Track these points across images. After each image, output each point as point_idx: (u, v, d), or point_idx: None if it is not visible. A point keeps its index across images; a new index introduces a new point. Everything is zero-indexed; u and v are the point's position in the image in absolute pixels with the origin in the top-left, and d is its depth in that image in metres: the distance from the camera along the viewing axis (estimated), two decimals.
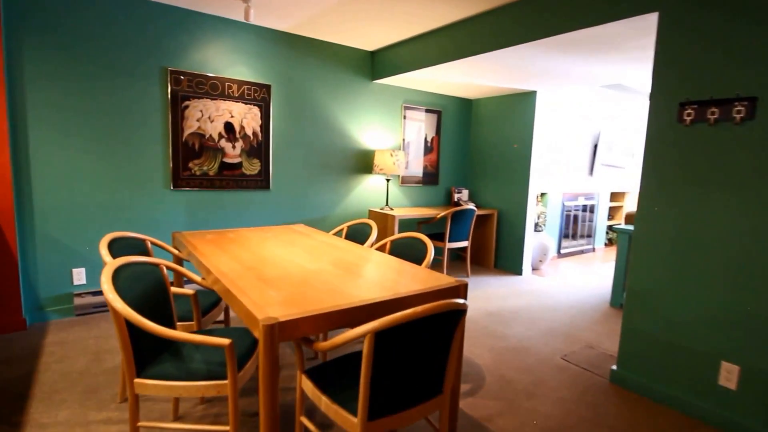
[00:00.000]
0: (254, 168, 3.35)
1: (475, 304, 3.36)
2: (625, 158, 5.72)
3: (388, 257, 1.96)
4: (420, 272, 1.72)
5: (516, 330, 2.87)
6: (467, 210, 4.00)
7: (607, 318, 3.20)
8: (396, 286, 1.52)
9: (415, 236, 2.20)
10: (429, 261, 1.98)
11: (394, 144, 4.29)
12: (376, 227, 2.56)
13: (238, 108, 3.21)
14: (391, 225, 3.74)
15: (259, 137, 3.35)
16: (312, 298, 1.36)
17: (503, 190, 4.58)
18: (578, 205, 5.53)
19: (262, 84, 3.32)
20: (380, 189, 4.23)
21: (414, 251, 2.16)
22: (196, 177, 3.09)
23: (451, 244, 4.02)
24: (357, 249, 2.11)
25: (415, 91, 4.37)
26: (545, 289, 3.92)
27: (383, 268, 1.76)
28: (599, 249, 5.99)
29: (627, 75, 3.36)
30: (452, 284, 1.56)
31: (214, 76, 3.09)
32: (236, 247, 2.05)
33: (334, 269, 1.72)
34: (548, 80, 3.68)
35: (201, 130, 3.07)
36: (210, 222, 3.20)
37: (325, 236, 2.44)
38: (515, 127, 4.42)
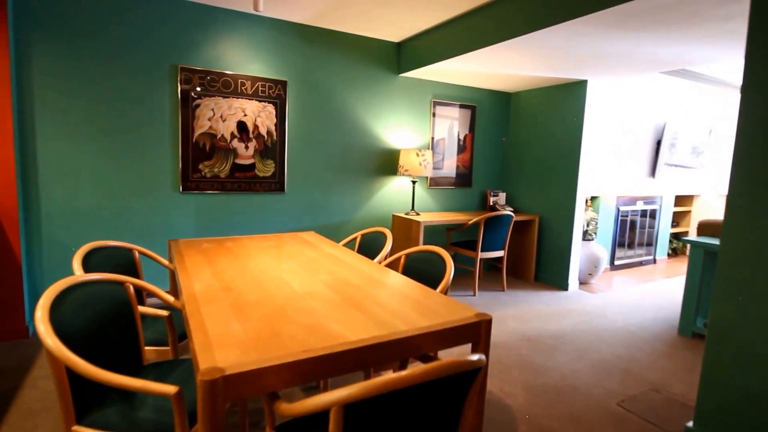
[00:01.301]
0: (268, 169, 3.14)
1: (509, 326, 2.92)
2: (692, 157, 4.95)
3: (396, 277, 1.62)
4: (432, 299, 1.36)
5: (559, 362, 2.41)
6: (503, 216, 3.55)
7: (676, 350, 2.63)
8: (397, 319, 1.18)
9: (433, 250, 1.85)
10: (448, 282, 1.62)
11: (422, 143, 3.93)
12: (390, 237, 2.22)
13: (252, 106, 3.02)
14: (416, 232, 3.39)
15: (274, 137, 3.14)
16: (286, 335, 1.05)
17: (546, 193, 4.06)
18: (636, 210, 4.85)
19: (278, 80, 3.10)
20: (406, 192, 3.89)
21: (432, 268, 1.81)
22: (207, 179, 2.93)
23: (485, 254, 3.59)
24: (363, 265, 1.79)
25: (445, 84, 3.99)
26: (596, 309, 3.37)
27: (386, 293, 1.42)
28: (661, 260, 5.24)
29: (705, 57, 2.77)
30: (470, 320, 1.20)
31: (227, 73, 2.91)
32: (227, 260, 1.81)
33: (327, 293, 1.41)
34: (601, 67, 3.15)
35: (212, 130, 2.91)
36: (220, 227, 3.03)
37: (333, 247, 2.15)
38: (562, 121, 3.90)
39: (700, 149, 5.03)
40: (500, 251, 3.69)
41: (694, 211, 5.81)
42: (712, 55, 2.77)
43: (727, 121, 5.39)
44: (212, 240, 2.22)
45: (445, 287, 1.59)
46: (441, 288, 1.57)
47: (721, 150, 5.43)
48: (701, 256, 2.82)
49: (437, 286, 1.63)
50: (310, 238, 2.36)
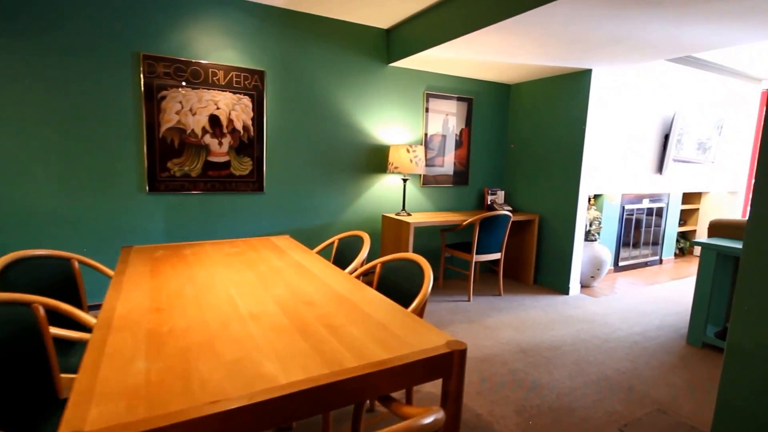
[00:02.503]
0: (245, 168, 2.92)
1: (504, 336, 2.70)
2: (700, 153, 4.67)
3: (363, 292, 1.39)
4: (400, 322, 1.14)
5: (556, 378, 2.18)
6: (500, 216, 3.32)
7: (685, 363, 2.40)
8: (350, 351, 0.96)
9: (411, 258, 1.62)
10: (424, 297, 1.40)
11: (414, 138, 3.70)
12: (367, 242, 2.00)
13: (225, 98, 2.79)
14: (406, 234, 3.16)
15: (251, 132, 2.91)
16: (198, 379, 0.84)
17: (547, 191, 3.82)
18: (642, 209, 4.60)
19: (254, 70, 2.87)
20: (397, 191, 3.66)
21: (409, 279, 1.58)
22: (177, 178, 2.71)
23: (480, 256, 3.37)
24: (330, 277, 1.57)
25: (439, 75, 3.74)
26: (598, 315, 3.14)
27: (346, 314, 1.20)
28: (668, 260, 4.99)
29: (719, 40, 2.51)
30: (439, 351, 0.97)
31: (196, 61, 2.69)
32: (174, 271, 1.60)
33: (276, 314, 1.19)
34: (606, 53, 2.90)
35: (181, 125, 2.69)
36: (193, 231, 2.82)
37: (304, 255, 1.93)
38: (564, 115, 3.65)
39: (709, 144, 4.76)
40: (497, 254, 3.46)
41: (702, 209, 5.54)
42: (728, 38, 2.51)
43: (740, 114, 5.11)
44: (170, 246, 2.00)
45: (420, 304, 1.37)
46: (415, 306, 1.35)
47: (732, 144, 5.15)
48: (713, 259, 2.58)
49: (414, 300, 1.41)
50: (281, 244, 2.14)
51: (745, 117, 5.18)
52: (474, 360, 2.34)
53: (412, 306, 1.34)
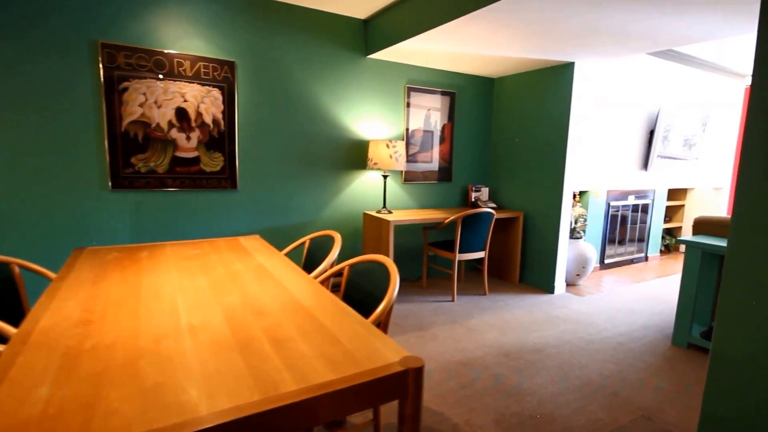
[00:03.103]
0: (216, 163, 2.78)
1: (487, 338, 2.61)
2: (685, 149, 4.64)
3: (322, 299, 1.28)
4: (354, 334, 1.03)
5: (539, 383, 2.09)
6: (482, 213, 3.22)
7: (670, 365, 2.33)
8: (290, 372, 0.85)
9: (378, 260, 1.51)
10: (388, 303, 1.29)
11: (395, 133, 3.58)
12: (338, 243, 1.88)
13: (193, 90, 2.64)
14: (386, 233, 3.05)
15: (221, 126, 2.77)
16: (104, 408, 0.71)
17: (531, 188, 3.74)
18: (627, 205, 4.55)
19: (224, 61, 2.72)
20: (379, 188, 3.55)
21: (376, 283, 1.47)
22: (142, 175, 2.56)
23: (463, 255, 3.27)
24: (291, 281, 1.45)
25: (421, 68, 3.63)
26: (583, 314, 3.07)
27: (297, 325, 1.08)
28: (653, 257, 4.97)
29: (703, 32, 2.44)
30: (392, 370, 0.86)
31: (160, 50, 2.53)
32: (121, 277, 1.46)
33: (219, 326, 1.07)
34: (589, 45, 2.81)
35: (145, 118, 2.53)
36: (162, 230, 2.67)
37: (270, 256, 1.80)
38: (547, 109, 3.56)
39: (694, 141, 4.73)
40: (480, 252, 3.37)
41: (687, 206, 5.54)
42: (709, 31, 2.44)
43: (723, 111, 5.09)
44: (126, 248, 1.86)
45: (383, 312, 1.25)
46: (377, 315, 1.23)
47: (716, 141, 5.13)
48: (698, 257, 2.51)
49: (378, 306, 1.30)
50: (249, 244, 2.01)
51: (729, 113, 5.17)
52: (455, 364, 2.25)
53: (374, 314, 1.23)
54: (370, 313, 1.40)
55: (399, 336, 2.58)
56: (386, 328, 1.34)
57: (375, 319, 1.22)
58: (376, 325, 1.30)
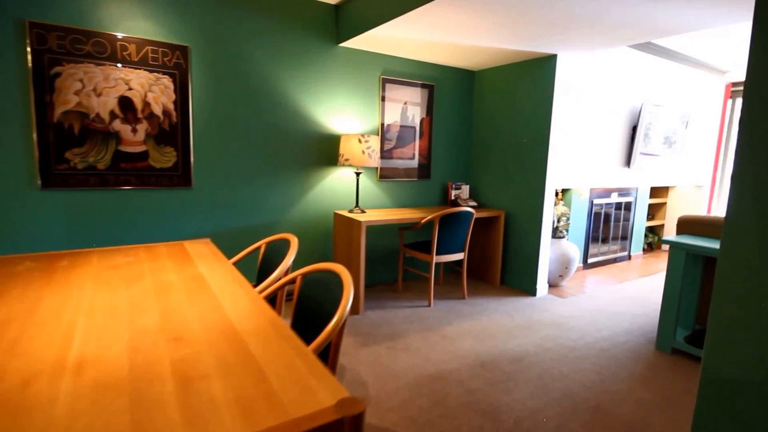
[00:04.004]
0: (167, 159, 2.52)
1: (463, 347, 2.44)
2: (665, 146, 4.57)
3: (258, 318, 1.07)
4: (287, 366, 0.82)
5: (517, 398, 1.93)
6: (461, 212, 3.05)
7: (655, 373, 2.20)
8: (184, 430, 0.64)
9: (332, 269, 1.30)
10: (340, 320, 1.09)
11: (370, 128, 3.37)
12: (294, 249, 1.67)
13: (140, 77, 2.38)
14: (357, 234, 2.85)
15: (173, 118, 2.51)
16: None
17: (513, 185, 3.59)
18: (611, 203, 4.47)
19: (176, 45, 2.46)
20: (352, 185, 3.34)
21: (328, 295, 1.27)
22: (79, 172, 2.28)
23: (441, 257, 3.09)
24: (229, 295, 1.23)
25: (397, 59, 3.43)
26: (565, 319, 2.94)
27: (219, 353, 0.87)
28: (636, 256, 4.91)
29: (688, 22, 2.31)
30: (325, 419, 0.66)
31: (100, 32, 2.26)
32: (22, 293, 1.22)
33: (116, 360, 0.85)
34: (571, 36, 2.66)
35: (82, 108, 2.26)
36: (104, 233, 2.40)
37: (215, 264, 1.58)
38: (530, 103, 3.41)
39: (675, 138, 4.67)
40: (459, 253, 3.20)
41: (669, 203, 5.51)
42: (692, 21, 2.31)
43: (704, 108, 5.06)
44: (43, 256, 1.61)
45: (331, 334, 1.05)
46: (318, 343, 1.03)
47: (697, 138, 5.10)
48: (682, 258, 2.39)
49: (330, 323, 1.09)
50: (195, 250, 1.78)
51: (709, 110, 5.14)
52: (427, 378, 2.06)
53: (317, 341, 1.02)
54: (323, 331, 1.20)
55: (368, 347, 2.38)
56: (338, 350, 1.14)
57: (319, 345, 1.02)
58: (326, 347, 1.10)
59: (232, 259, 1.82)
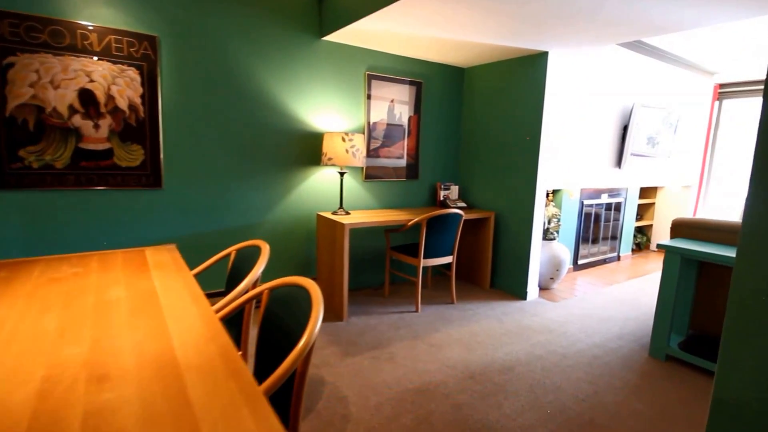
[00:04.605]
0: (134, 157, 2.34)
1: (451, 357, 2.32)
2: (656, 147, 4.51)
3: (208, 348, 0.92)
4: (231, 416, 0.68)
5: (507, 413, 1.81)
6: (450, 215, 2.93)
7: (649, 382, 2.11)
8: None
9: (299, 284, 1.16)
10: (305, 347, 0.95)
11: (355, 126, 3.23)
12: (265, 256, 1.52)
13: (102, 69, 2.20)
14: (340, 237, 2.70)
15: (140, 113, 2.33)
16: None
17: (503, 186, 3.48)
18: (601, 204, 4.40)
19: (143, 35, 2.28)
20: (337, 186, 3.19)
21: (295, 313, 1.13)
22: (34, 171, 2.10)
23: (428, 260, 2.97)
24: (180, 316, 1.09)
25: (384, 54, 3.28)
26: (556, 324, 2.84)
27: (146, 395, 0.73)
28: (625, 256, 4.85)
29: (683, 19, 2.21)
30: None
31: (58, 19, 2.07)
32: None
33: (12, 411, 0.70)
34: (562, 32, 2.55)
35: (38, 101, 2.07)
36: (63, 238, 2.22)
37: (171, 276, 1.42)
38: (520, 102, 3.30)
39: (665, 138, 4.61)
40: (448, 257, 3.08)
41: (657, 204, 5.48)
42: (689, 18, 2.22)
43: (693, 108, 5.02)
44: None
45: (290, 367, 0.91)
46: (280, 374, 0.88)
47: (685, 138, 5.06)
48: (677, 263, 2.31)
49: (297, 347, 0.95)
50: (155, 258, 1.62)
51: (697, 111, 5.11)
52: (412, 392, 1.94)
53: (271, 378, 0.88)
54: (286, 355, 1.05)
55: (351, 358, 2.24)
56: (304, 380, 1.00)
57: (280, 377, 0.88)
58: (291, 375, 0.96)
59: (195, 269, 1.67)
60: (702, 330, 2.52)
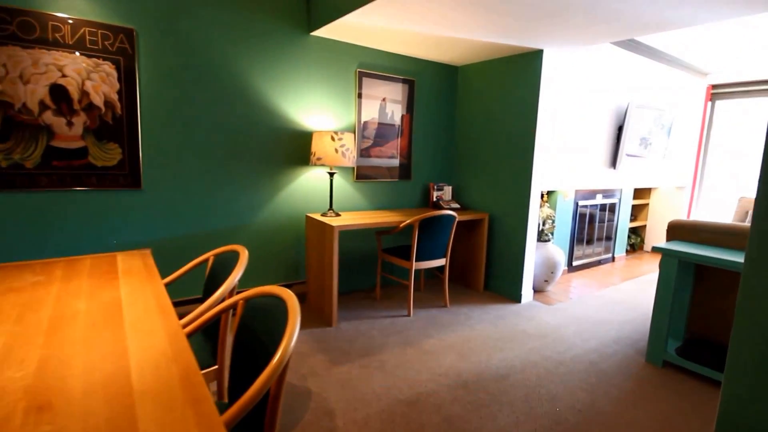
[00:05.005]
0: (111, 156, 2.23)
1: (444, 364, 2.23)
2: (650, 147, 4.47)
3: (169, 369, 0.82)
4: None
5: (501, 425, 1.73)
6: (443, 216, 2.84)
7: (647, 389, 2.05)
8: None
9: (276, 293, 1.07)
10: (282, 360, 0.85)
11: (346, 124, 3.13)
12: (243, 263, 1.42)
13: (76, 63, 2.08)
14: (330, 239, 2.61)
15: (117, 110, 2.22)
16: None
17: (498, 187, 3.41)
18: (595, 205, 4.35)
19: (119, 27, 2.17)
20: (327, 186, 3.09)
21: (270, 328, 1.03)
22: (3, 171, 1.98)
23: (421, 263, 2.88)
24: (143, 331, 0.99)
25: (375, 51, 3.19)
26: (552, 327, 2.77)
27: (89, 427, 0.63)
28: (620, 257, 4.82)
29: (681, 17, 2.15)
30: None
31: (27, 9, 1.95)
32: None
33: None
34: (558, 29, 2.48)
35: (6, 97, 1.95)
36: (34, 243, 2.10)
37: (140, 286, 1.32)
38: (515, 101, 3.23)
39: (660, 139, 4.58)
40: (441, 259, 3.00)
41: (651, 205, 5.45)
42: (693, 14, 2.15)
43: (686, 109, 5.00)
44: None
45: (261, 389, 0.81)
46: (248, 398, 0.79)
47: (679, 139, 5.04)
48: (674, 267, 2.24)
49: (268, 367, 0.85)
50: (127, 264, 1.51)
51: (690, 112, 5.09)
52: (402, 404, 1.85)
53: (249, 393, 0.79)
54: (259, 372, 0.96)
55: (340, 366, 2.15)
56: (278, 403, 0.91)
57: (249, 401, 0.78)
58: (263, 398, 0.86)
59: (170, 276, 1.57)
60: (699, 335, 2.47)
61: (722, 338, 2.38)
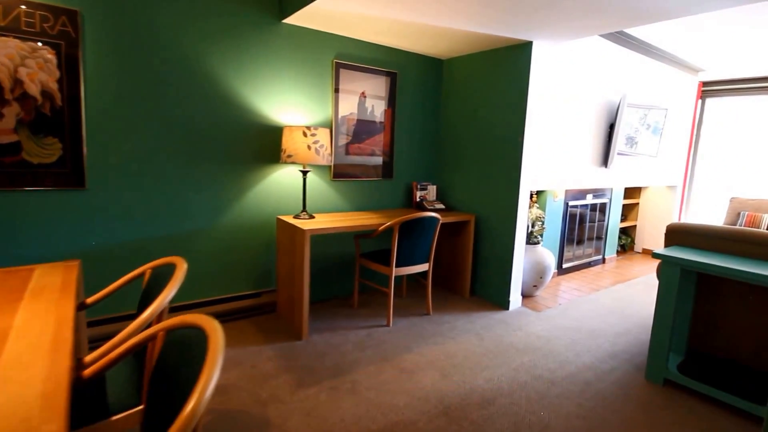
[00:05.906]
0: (49, 152, 1.97)
1: (422, 385, 2.02)
2: (640, 146, 4.32)
3: (31, 423, 0.60)
4: None
5: None
6: (425, 219, 2.64)
7: (648, 412, 1.86)
8: None
9: (196, 324, 0.85)
10: (195, 413, 0.63)
11: (322, 119, 2.91)
12: (178, 278, 1.19)
13: (7, 47, 1.82)
14: (300, 244, 2.38)
15: (57, 100, 1.96)
16: None
17: (485, 186, 3.22)
18: (586, 205, 4.20)
19: (60, 8, 1.92)
20: (300, 186, 2.87)
21: (188, 364, 0.81)
22: None
23: (401, 269, 2.68)
24: (13, 382, 0.76)
25: (354, 41, 2.97)
26: (542, 339, 2.58)
27: None
28: (610, 259, 4.67)
29: (676, 6, 1.97)
30: None
31: None
32: None
33: None
34: (547, 17, 2.28)
35: None
36: None
37: (45, 309, 1.09)
38: (503, 96, 3.04)
39: (651, 137, 4.43)
40: (423, 264, 2.79)
41: (642, 204, 5.33)
42: (682, 4, 1.98)
43: (677, 107, 4.87)
44: None
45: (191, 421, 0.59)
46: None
47: (670, 137, 4.91)
48: (677, 276, 2.07)
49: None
50: (41, 281, 1.27)
51: (681, 109, 4.97)
52: None
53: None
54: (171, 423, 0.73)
55: (305, 389, 1.93)
56: None
57: None
58: None
59: (100, 293, 1.33)
60: (702, 348, 2.30)
61: (727, 353, 2.21)
